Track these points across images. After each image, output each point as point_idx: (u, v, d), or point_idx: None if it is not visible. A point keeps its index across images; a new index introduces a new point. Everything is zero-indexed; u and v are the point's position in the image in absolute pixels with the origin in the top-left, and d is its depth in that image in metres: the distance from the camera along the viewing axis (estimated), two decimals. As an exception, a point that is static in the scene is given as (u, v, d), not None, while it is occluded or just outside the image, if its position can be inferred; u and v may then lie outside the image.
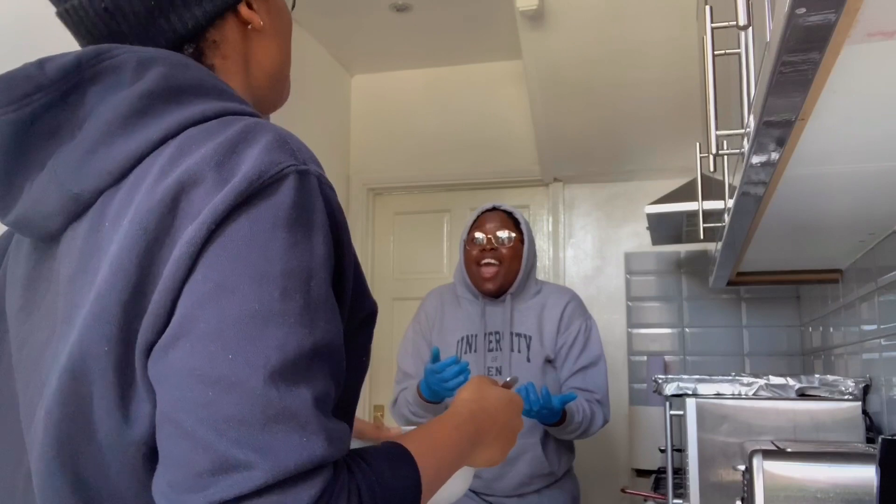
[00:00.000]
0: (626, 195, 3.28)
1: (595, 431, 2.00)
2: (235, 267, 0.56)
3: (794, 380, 1.70)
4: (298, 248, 0.58)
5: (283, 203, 0.58)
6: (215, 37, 0.74)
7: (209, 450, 0.52)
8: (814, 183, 1.22)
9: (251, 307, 0.55)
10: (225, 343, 0.54)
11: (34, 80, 0.65)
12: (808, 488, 1.24)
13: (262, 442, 0.52)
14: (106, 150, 0.63)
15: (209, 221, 0.56)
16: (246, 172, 0.58)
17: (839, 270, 2.14)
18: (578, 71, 2.72)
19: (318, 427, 0.55)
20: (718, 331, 3.09)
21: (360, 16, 3.02)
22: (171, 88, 0.65)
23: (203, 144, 0.61)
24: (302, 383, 0.55)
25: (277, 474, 0.52)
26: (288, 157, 0.60)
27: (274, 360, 0.54)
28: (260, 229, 0.57)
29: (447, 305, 2.17)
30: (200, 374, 0.54)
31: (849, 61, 0.75)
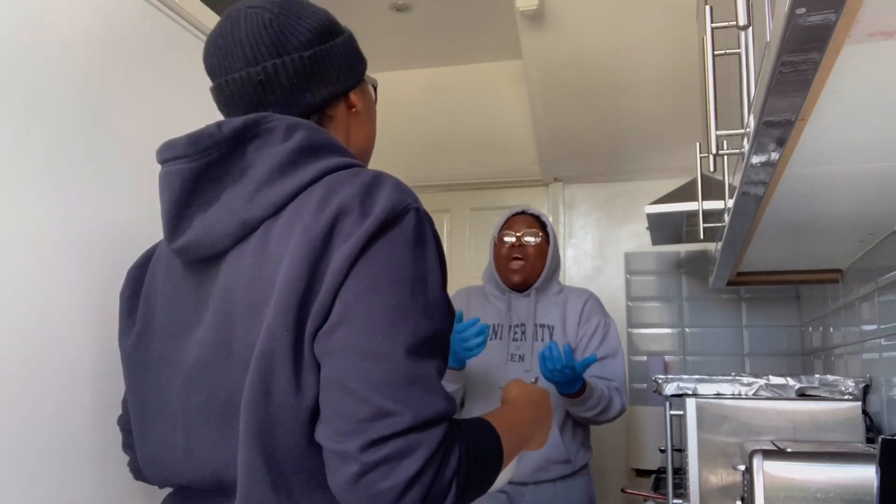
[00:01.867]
0: (626, 195, 3.28)
1: (613, 416, 2.08)
2: (379, 274, 0.77)
3: (794, 380, 1.70)
4: (419, 262, 0.80)
5: (409, 229, 0.81)
6: (331, 112, 0.98)
7: (368, 402, 0.72)
8: (814, 183, 1.22)
9: (392, 303, 0.76)
10: (375, 327, 0.75)
11: (214, 138, 0.86)
12: (808, 488, 1.24)
13: (405, 397, 0.73)
14: (269, 188, 0.85)
15: (361, 241, 0.78)
16: (384, 207, 0.80)
17: (839, 270, 2.14)
18: (578, 71, 2.72)
19: (440, 390, 0.76)
20: (718, 331, 3.09)
21: (360, 16, 3.02)
22: (312, 146, 0.88)
23: (347, 185, 0.82)
24: (428, 358, 0.77)
25: (417, 420, 0.72)
26: (408, 198, 0.83)
27: (410, 341, 0.75)
28: (394, 248, 0.79)
29: (474, 300, 2.31)
30: (359, 349, 0.74)
31: (849, 61, 0.75)
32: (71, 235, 1.12)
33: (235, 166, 0.87)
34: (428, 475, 0.72)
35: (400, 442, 0.71)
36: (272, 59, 0.92)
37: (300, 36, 0.93)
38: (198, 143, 0.86)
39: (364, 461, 0.71)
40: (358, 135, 1.03)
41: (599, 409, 2.02)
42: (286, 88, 0.93)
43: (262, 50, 0.92)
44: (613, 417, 2.08)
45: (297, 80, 0.93)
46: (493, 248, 2.29)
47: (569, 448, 2.08)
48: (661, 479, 2.40)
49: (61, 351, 1.08)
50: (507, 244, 2.23)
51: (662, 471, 2.52)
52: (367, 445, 0.71)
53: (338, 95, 0.98)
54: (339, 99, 0.99)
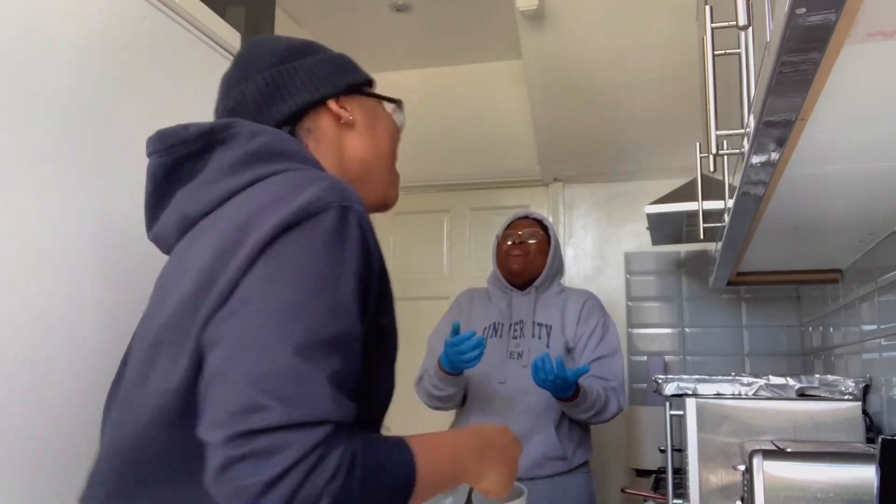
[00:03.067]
0: (626, 195, 3.28)
1: (609, 417, 2.10)
2: (282, 267, 0.75)
3: (794, 380, 1.70)
4: (332, 259, 0.76)
5: (326, 226, 0.77)
6: (309, 124, 0.99)
7: (243, 394, 0.69)
8: (814, 183, 1.22)
9: (290, 297, 0.73)
10: (267, 320, 0.72)
11: (179, 136, 0.90)
12: (808, 488, 1.23)
13: (283, 394, 0.69)
14: (212, 186, 0.87)
15: (270, 232, 0.76)
16: (302, 201, 0.78)
17: (839, 270, 2.14)
18: (578, 71, 2.72)
19: (326, 393, 0.71)
20: (718, 331, 3.09)
21: (360, 16, 3.02)
22: (269, 152, 0.89)
23: (278, 185, 0.82)
24: (320, 359, 0.72)
25: (291, 419, 0.68)
26: (335, 196, 0.79)
27: (302, 339, 0.72)
28: (304, 243, 0.76)
29: (477, 299, 2.35)
30: (246, 341, 0.72)
31: (849, 61, 0.75)
32: (71, 235, 1.12)
33: (197, 167, 0.90)
34: (293, 478, 0.67)
35: (267, 438, 0.67)
36: (239, 85, 0.98)
37: (264, 59, 0.99)
38: (164, 140, 0.91)
39: (227, 454, 0.68)
40: (356, 148, 1.02)
41: (594, 412, 2.05)
42: (252, 108, 0.97)
43: (232, 81, 1.00)
44: (610, 418, 2.11)
45: (261, 96, 0.97)
46: (495, 249, 2.33)
47: (565, 445, 2.10)
48: (661, 479, 2.40)
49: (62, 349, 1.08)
50: (507, 244, 2.28)
51: (662, 471, 2.52)
52: (231, 438, 0.68)
53: (310, 105, 0.99)
54: (318, 109, 0.99)
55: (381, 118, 1.07)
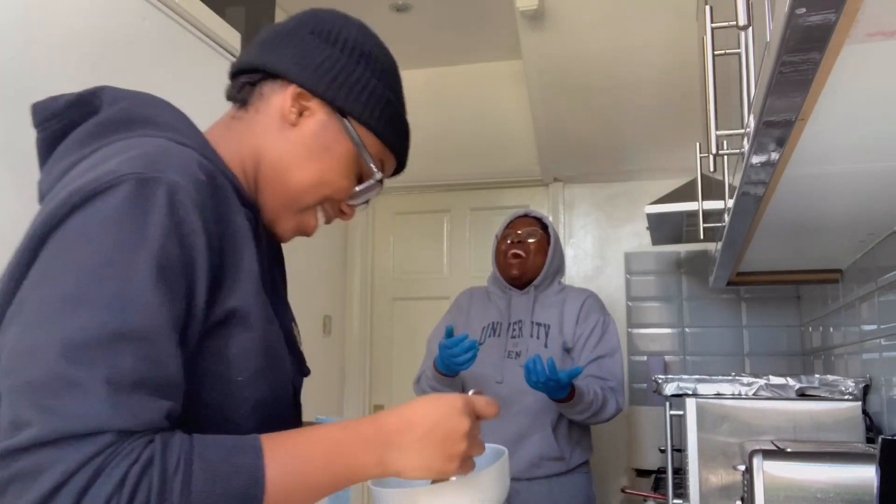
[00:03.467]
0: (626, 195, 3.28)
1: (608, 417, 2.08)
2: (59, 257, 0.65)
3: (794, 380, 1.70)
4: (122, 243, 0.65)
5: (112, 204, 0.66)
6: (265, 89, 0.86)
7: (10, 409, 0.61)
8: (814, 183, 1.22)
9: (65, 291, 0.63)
10: (37, 320, 0.63)
11: (50, 109, 0.80)
12: (808, 488, 1.23)
13: (45, 405, 0.60)
14: (61, 161, 0.76)
15: (50, 220, 0.66)
16: (88, 179, 0.67)
17: (839, 270, 2.14)
18: (578, 71, 2.72)
19: (102, 398, 0.61)
20: (718, 331, 3.09)
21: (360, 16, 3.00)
22: (123, 119, 0.77)
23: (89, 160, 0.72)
24: (98, 361, 0.61)
25: (51, 433, 0.59)
26: (135, 167, 0.68)
27: (72, 337, 0.61)
28: (87, 226, 0.66)
29: (476, 298, 2.35)
30: (18, 346, 0.63)
31: (849, 61, 0.75)
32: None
33: None
34: (63, 499, 0.58)
35: (31, 457, 0.59)
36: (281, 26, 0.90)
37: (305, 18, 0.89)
38: (37, 114, 0.82)
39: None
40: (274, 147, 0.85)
41: (592, 412, 2.04)
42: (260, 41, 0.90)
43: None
44: (608, 418, 2.10)
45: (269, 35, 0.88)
46: (494, 249, 2.32)
47: (562, 446, 2.10)
48: (661, 479, 2.40)
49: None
50: (507, 243, 2.27)
51: (662, 471, 2.51)
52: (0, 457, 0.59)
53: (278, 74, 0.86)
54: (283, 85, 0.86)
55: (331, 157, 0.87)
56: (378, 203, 3.57)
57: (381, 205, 3.57)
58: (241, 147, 0.85)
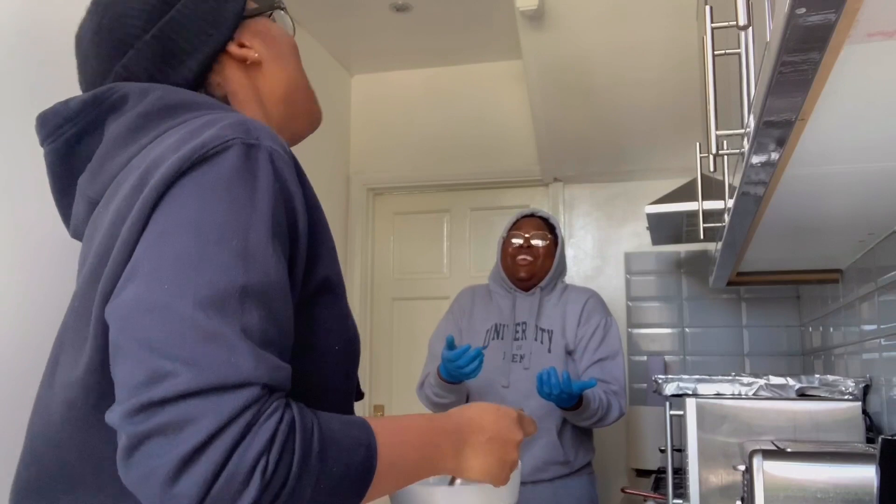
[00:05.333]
0: (626, 195, 3.28)
1: (611, 422, 2.08)
2: (177, 218, 0.64)
3: (794, 380, 1.70)
4: (237, 204, 0.65)
5: (225, 167, 0.66)
6: (217, 79, 0.85)
7: (143, 364, 0.58)
8: (814, 183, 1.22)
9: (188, 249, 0.62)
10: (162, 277, 0.61)
11: (61, 115, 0.79)
12: (808, 488, 1.23)
13: (188, 357, 0.58)
14: (111, 161, 0.76)
15: (159, 185, 0.65)
16: (195, 144, 0.67)
17: (839, 270, 2.14)
18: (578, 71, 2.72)
19: (245, 350, 0.59)
20: (718, 331, 3.09)
21: (360, 16, 3.02)
22: (165, 107, 0.76)
23: (171, 137, 0.71)
24: (231, 314, 0.60)
25: (200, 383, 0.57)
26: (237, 133, 0.68)
27: (204, 292, 0.60)
28: (202, 188, 0.65)
29: (478, 298, 2.32)
30: (139, 304, 0.61)
31: (849, 61, 0.75)
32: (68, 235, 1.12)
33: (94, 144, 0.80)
34: (213, 454, 0.55)
35: (175, 409, 0.56)
36: (118, 61, 0.82)
37: (134, 21, 0.81)
38: (48, 123, 0.80)
39: (130, 432, 0.57)
40: (271, 84, 0.88)
41: (597, 418, 2.04)
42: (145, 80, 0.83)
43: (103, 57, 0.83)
44: (611, 423, 2.09)
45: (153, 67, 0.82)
46: (500, 248, 2.30)
47: (567, 450, 2.10)
48: (661, 479, 2.40)
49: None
50: (514, 245, 2.24)
51: (662, 471, 2.51)
52: (132, 412, 0.57)
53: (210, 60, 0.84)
54: (220, 59, 0.85)
55: (277, 39, 0.90)
56: (378, 203, 3.57)
57: (381, 205, 3.58)
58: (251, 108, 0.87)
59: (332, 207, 3.25)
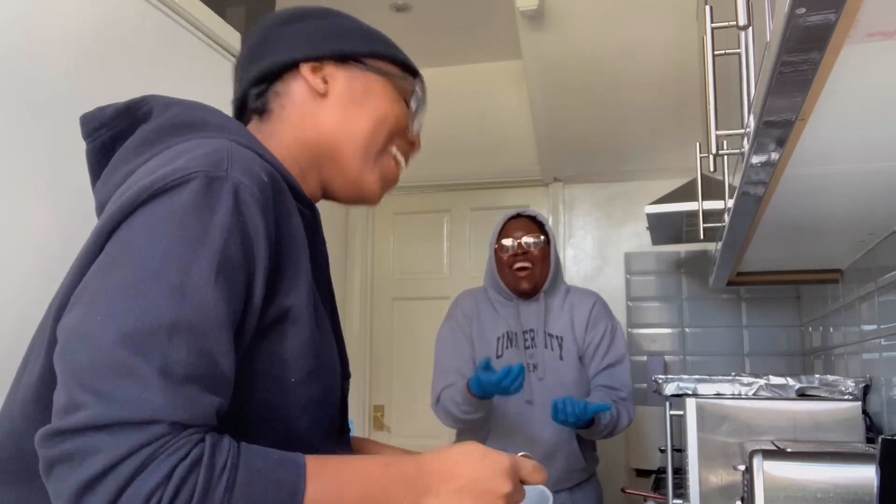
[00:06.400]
0: (626, 195, 3.28)
1: (620, 431, 2.08)
2: (124, 247, 0.67)
3: (794, 380, 1.70)
4: (185, 237, 0.66)
5: (180, 200, 0.68)
6: (279, 88, 0.90)
7: (65, 390, 0.62)
8: (814, 183, 1.22)
9: (126, 280, 0.64)
10: (96, 306, 0.64)
11: (98, 119, 0.84)
12: (808, 488, 1.23)
13: (100, 389, 0.60)
14: (118, 170, 0.79)
15: (117, 213, 0.68)
16: (159, 175, 0.69)
17: (839, 270, 2.14)
18: (578, 71, 2.72)
19: (158, 387, 0.61)
20: (718, 331, 3.09)
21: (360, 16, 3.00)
22: (178, 124, 0.80)
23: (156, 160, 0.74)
24: (154, 350, 0.62)
25: (105, 418, 0.59)
26: (204, 165, 0.70)
27: (130, 325, 0.62)
28: (154, 219, 0.67)
29: (482, 303, 2.22)
30: (74, 330, 0.64)
31: (849, 61, 0.75)
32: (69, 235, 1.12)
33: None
34: (109, 485, 0.58)
35: (81, 439, 0.59)
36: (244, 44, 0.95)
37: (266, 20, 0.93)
38: (87, 125, 0.85)
39: (43, 454, 0.61)
40: (322, 122, 0.89)
41: (608, 432, 2.05)
42: (238, 69, 0.94)
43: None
44: (621, 431, 2.10)
45: (247, 56, 0.92)
46: (492, 254, 2.21)
47: (587, 456, 2.11)
48: (661, 479, 2.40)
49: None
50: (508, 250, 2.14)
51: (662, 471, 2.51)
52: (47, 437, 0.61)
53: (284, 66, 0.89)
54: (292, 73, 0.90)
55: (374, 97, 0.91)
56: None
57: (381, 205, 3.56)
58: (285, 144, 0.88)
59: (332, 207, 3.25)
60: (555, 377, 2.07)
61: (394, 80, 0.93)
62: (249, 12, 2.28)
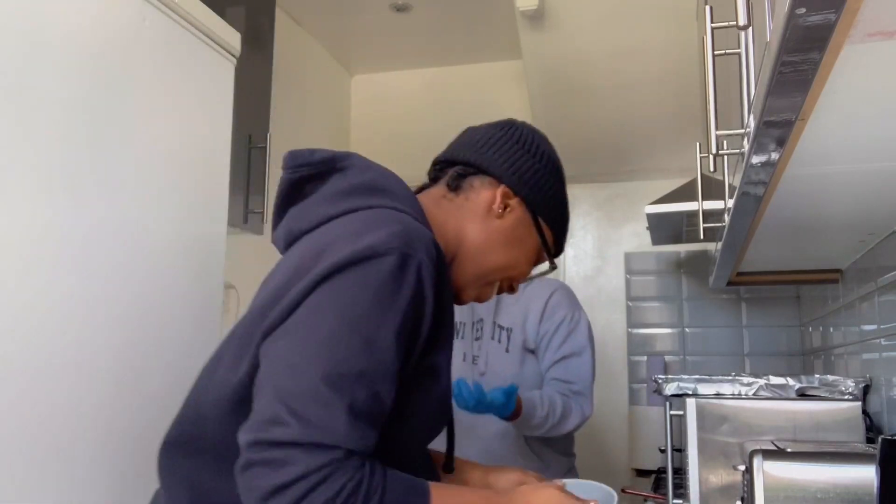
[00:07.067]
0: (626, 195, 3.28)
1: (572, 427, 1.86)
2: (332, 300, 0.83)
3: (794, 380, 1.70)
4: (379, 302, 0.82)
5: (381, 270, 0.83)
6: (476, 182, 1.06)
7: (272, 406, 0.78)
8: (814, 183, 1.22)
9: (331, 329, 0.81)
10: (307, 347, 0.81)
11: (305, 158, 1.00)
12: (808, 488, 1.23)
13: (302, 413, 0.77)
14: (316, 209, 0.96)
15: (330, 268, 0.84)
16: (365, 243, 0.84)
17: (839, 270, 2.14)
18: (578, 71, 2.72)
19: (343, 420, 0.78)
20: (718, 331, 3.09)
21: (360, 16, 3.02)
22: (371, 186, 0.98)
23: (357, 221, 0.90)
24: (345, 389, 0.79)
25: (303, 437, 0.76)
26: (399, 243, 0.85)
27: (331, 368, 0.79)
28: (357, 282, 0.83)
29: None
30: (286, 359, 0.81)
31: (849, 61, 0.75)
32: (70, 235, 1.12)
33: (312, 189, 1.00)
34: (296, 490, 0.75)
35: (281, 451, 0.76)
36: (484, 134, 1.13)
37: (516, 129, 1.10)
38: (294, 159, 1.01)
39: (248, 456, 0.78)
40: (475, 232, 1.04)
41: (550, 425, 1.81)
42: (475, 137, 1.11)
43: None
44: (574, 428, 1.87)
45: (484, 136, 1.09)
46: None
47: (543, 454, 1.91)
48: (661, 479, 2.40)
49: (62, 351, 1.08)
50: None
51: (662, 471, 2.52)
52: (253, 443, 0.77)
53: (494, 175, 1.04)
54: (493, 182, 1.04)
55: (521, 246, 1.07)
56: (378, 203, 3.56)
57: (381, 205, 3.57)
58: (447, 224, 1.03)
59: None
60: (495, 372, 1.89)
61: (545, 248, 1.08)
62: (249, 12, 2.28)
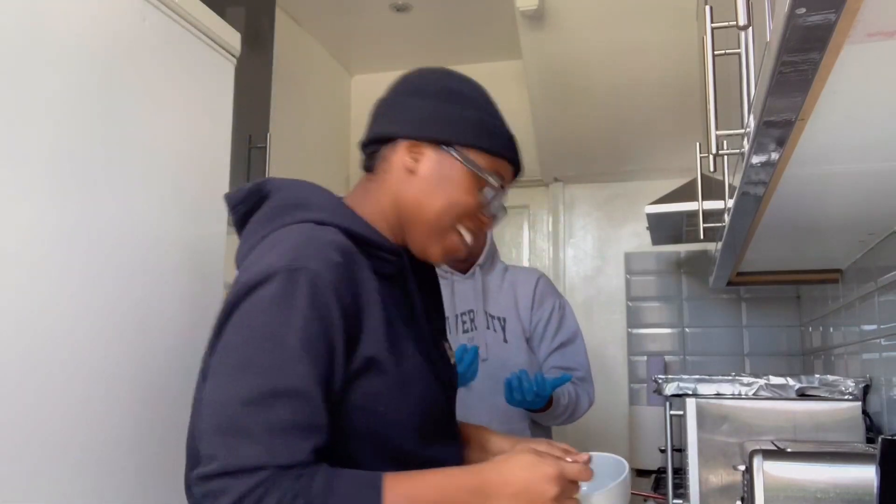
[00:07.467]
0: (626, 195, 3.28)
1: (581, 414, 1.90)
2: (232, 333, 0.90)
3: (794, 380, 1.70)
4: (276, 324, 0.87)
5: (269, 294, 0.88)
6: (385, 153, 1.06)
7: (205, 442, 0.86)
8: (814, 183, 1.22)
9: (240, 359, 0.87)
10: (220, 380, 0.88)
11: (237, 198, 1.05)
12: (808, 488, 1.23)
13: (227, 444, 0.84)
14: (250, 238, 1.00)
15: (229, 305, 0.91)
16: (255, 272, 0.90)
17: (839, 270, 2.14)
18: (578, 71, 2.72)
19: (266, 440, 0.83)
20: (718, 331, 3.09)
21: (360, 16, 3.02)
22: (287, 205, 1.00)
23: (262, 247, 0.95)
24: (263, 412, 0.84)
25: (230, 465, 0.82)
26: (283, 262, 0.89)
27: (245, 394, 0.84)
28: (250, 311, 0.89)
29: None
30: (210, 397, 0.89)
31: (849, 61, 0.75)
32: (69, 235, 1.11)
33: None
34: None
35: (217, 482, 0.82)
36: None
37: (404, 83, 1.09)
38: (230, 200, 1.06)
39: (196, 491, 0.86)
40: (406, 193, 1.04)
41: (567, 415, 1.86)
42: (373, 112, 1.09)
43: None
44: (582, 415, 1.91)
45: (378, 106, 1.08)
46: None
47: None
48: (661, 479, 2.40)
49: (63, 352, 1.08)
50: None
51: (662, 471, 2.52)
52: (197, 479, 0.85)
53: (390, 137, 1.04)
54: (396, 144, 1.04)
55: (451, 183, 1.03)
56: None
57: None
58: (380, 203, 1.05)
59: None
60: (498, 360, 1.86)
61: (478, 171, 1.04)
62: (249, 12, 2.28)
